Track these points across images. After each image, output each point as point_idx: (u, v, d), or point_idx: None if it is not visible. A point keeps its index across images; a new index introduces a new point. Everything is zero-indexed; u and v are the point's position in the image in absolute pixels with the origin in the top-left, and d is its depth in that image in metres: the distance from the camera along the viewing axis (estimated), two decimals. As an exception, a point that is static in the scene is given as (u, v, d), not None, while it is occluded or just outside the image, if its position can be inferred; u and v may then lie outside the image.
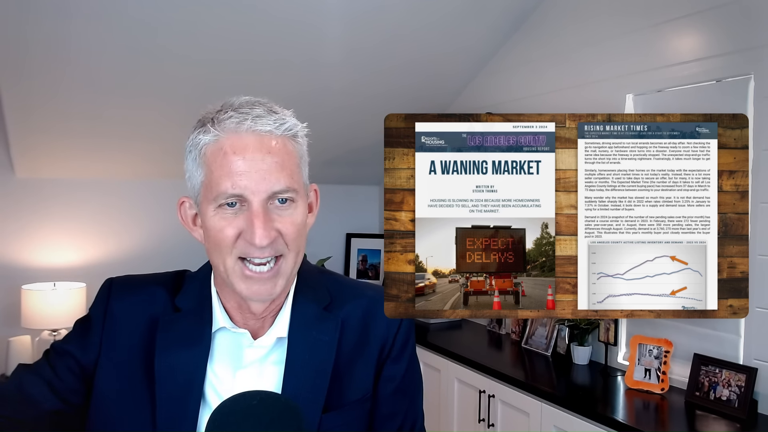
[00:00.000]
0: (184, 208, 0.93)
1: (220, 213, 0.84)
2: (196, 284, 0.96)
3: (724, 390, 2.09)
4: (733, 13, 2.18)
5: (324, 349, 0.92)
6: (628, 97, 2.56)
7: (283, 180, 0.84)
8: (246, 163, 0.82)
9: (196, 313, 0.93)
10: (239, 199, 0.83)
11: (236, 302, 0.92)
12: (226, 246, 0.84)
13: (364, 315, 0.97)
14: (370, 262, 4.29)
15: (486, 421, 2.55)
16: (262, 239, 0.82)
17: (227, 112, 0.85)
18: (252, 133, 0.83)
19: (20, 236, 3.42)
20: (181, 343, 0.90)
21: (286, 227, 0.85)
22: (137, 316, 0.93)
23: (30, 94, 2.83)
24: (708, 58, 2.26)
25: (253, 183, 0.82)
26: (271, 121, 0.85)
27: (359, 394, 0.93)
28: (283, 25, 2.71)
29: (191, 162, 0.87)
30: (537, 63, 3.06)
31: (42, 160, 3.35)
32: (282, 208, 0.85)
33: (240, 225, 0.83)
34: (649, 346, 2.33)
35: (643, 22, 2.50)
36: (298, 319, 0.93)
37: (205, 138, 0.84)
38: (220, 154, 0.83)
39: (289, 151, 0.87)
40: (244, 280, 0.85)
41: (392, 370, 0.97)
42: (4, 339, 3.23)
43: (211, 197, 0.84)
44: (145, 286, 0.97)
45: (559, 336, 2.73)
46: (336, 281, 1.02)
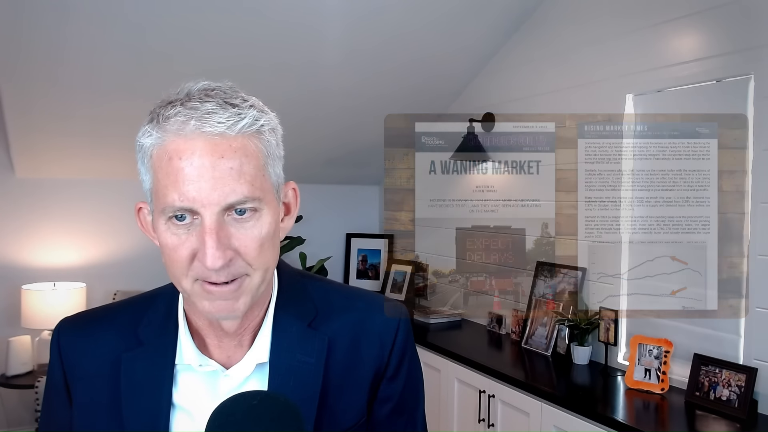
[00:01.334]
0: (143, 214, 0.81)
1: (171, 228, 0.72)
2: (162, 307, 0.85)
3: (724, 390, 2.09)
4: (733, 13, 2.18)
5: (310, 373, 0.81)
6: (628, 97, 2.56)
7: (240, 189, 0.70)
8: (194, 170, 0.69)
9: (159, 346, 0.82)
10: (190, 212, 0.71)
11: (206, 320, 0.81)
12: (181, 268, 0.73)
13: (355, 332, 0.85)
14: (370, 262, 4.29)
15: (486, 421, 2.55)
16: (214, 261, 0.70)
17: (175, 106, 0.71)
18: (200, 134, 0.69)
19: (20, 236, 3.43)
20: (145, 386, 0.81)
21: (246, 244, 0.72)
22: (98, 360, 0.84)
23: (30, 94, 2.83)
24: (708, 58, 2.26)
25: (204, 194, 0.69)
26: (224, 118, 0.70)
27: (353, 420, 0.84)
28: (282, 27, 2.71)
29: (140, 164, 0.75)
30: (537, 63, 3.06)
31: (42, 160, 3.35)
32: (241, 221, 0.72)
33: (193, 244, 0.71)
34: (649, 346, 2.33)
35: (643, 22, 2.50)
36: (280, 340, 0.82)
37: (149, 141, 0.72)
38: (165, 159, 0.71)
39: (249, 152, 0.72)
40: (207, 297, 0.74)
41: (389, 390, 0.87)
42: (4, 339, 3.23)
43: (160, 208, 0.72)
44: (99, 322, 0.88)
45: (559, 336, 2.73)
46: (323, 289, 0.90)
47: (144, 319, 0.85)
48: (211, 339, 0.83)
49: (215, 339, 0.83)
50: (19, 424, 3.36)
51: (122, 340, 0.84)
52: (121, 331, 0.85)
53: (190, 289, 0.74)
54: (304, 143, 3.58)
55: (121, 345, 0.84)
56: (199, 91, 0.74)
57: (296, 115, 3.28)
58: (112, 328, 0.86)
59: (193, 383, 0.82)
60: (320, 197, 4.22)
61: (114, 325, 0.86)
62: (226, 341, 0.82)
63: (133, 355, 0.82)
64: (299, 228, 3.94)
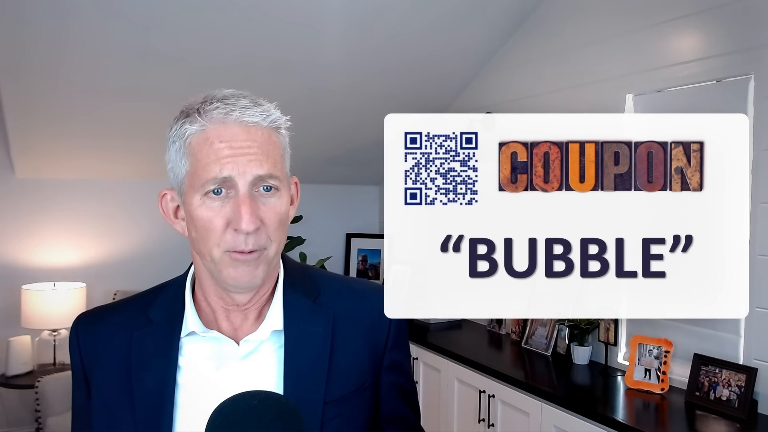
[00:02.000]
0: (166, 200, 0.92)
1: (206, 202, 0.84)
2: (171, 292, 0.95)
3: (724, 390, 2.09)
4: (733, 13, 2.18)
5: (319, 341, 0.91)
6: (628, 97, 2.56)
7: (268, 165, 0.84)
8: (233, 150, 0.83)
9: (167, 321, 0.92)
10: (226, 185, 0.83)
11: (218, 295, 0.91)
12: (214, 237, 0.84)
13: (355, 308, 0.96)
14: (370, 262, 4.29)
15: (486, 421, 2.55)
16: (248, 224, 0.82)
17: (212, 103, 0.85)
18: (239, 123, 0.84)
19: (20, 236, 3.43)
20: (153, 357, 0.89)
21: (270, 216, 0.85)
22: (112, 343, 0.92)
23: (30, 94, 2.83)
24: (708, 58, 2.26)
25: (240, 166, 0.82)
26: (258, 113, 0.85)
27: (357, 383, 0.92)
28: (283, 27, 2.71)
29: (174, 153, 0.87)
30: (537, 63, 3.06)
31: (42, 160, 3.35)
32: (267, 196, 0.85)
33: (227, 214, 0.83)
34: (649, 346, 2.33)
35: (643, 22, 2.50)
36: (291, 312, 0.92)
37: (192, 128, 0.84)
38: (206, 144, 0.83)
39: (273, 141, 0.87)
40: (233, 264, 0.84)
41: (392, 357, 0.97)
42: (4, 339, 3.23)
43: (198, 185, 0.83)
44: (112, 311, 0.97)
45: (559, 336, 2.73)
46: (322, 276, 1.02)
47: (154, 303, 0.94)
48: (220, 313, 0.91)
49: (224, 313, 0.91)
50: (19, 424, 3.36)
51: (134, 321, 0.93)
52: (133, 316, 0.94)
53: (219, 258, 0.84)
54: (304, 142, 3.56)
55: (133, 325, 0.92)
56: (230, 94, 0.87)
57: (296, 113, 3.25)
58: (125, 316, 0.95)
59: (198, 349, 0.90)
60: (320, 197, 4.22)
61: (126, 312, 0.95)
62: (234, 315, 0.91)
63: (143, 332, 0.91)
64: (299, 228, 3.94)
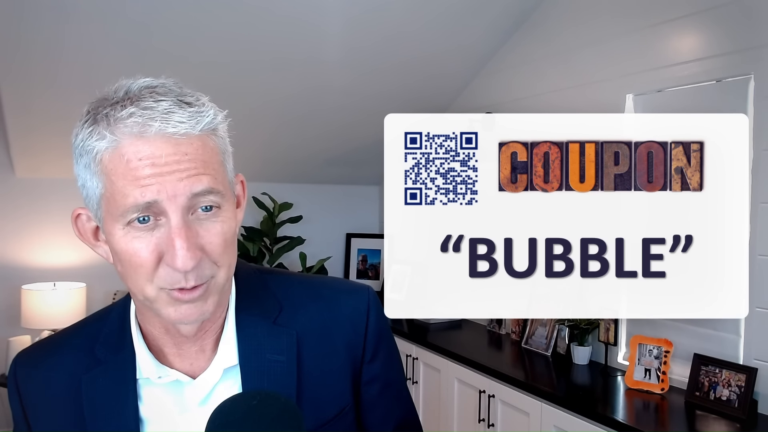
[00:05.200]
0: (81, 221, 0.76)
1: (131, 233, 0.68)
2: (115, 323, 0.82)
3: (724, 390, 2.09)
4: (733, 13, 2.18)
5: (283, 372, 0.79)
6: (628, 97, 2.56)
7: (205, 179, 0.68)
8: (157, 168, 0.66)
9: (117, 363, 0.79)
10: (152, 211, 0.67)
11: (162, 327, 0.78)
12: (145, 274, 0.69)
13: (324, 321, 0.83)
14: (370, 262, 4.29)
15: (486, 421, 2.55)
16: (186, 262, 0.67)
17: (126, 106, 0.67)
18: (162, 136, 0.66)
19: (20, 236, 3.42)
20: (109, 407, 0.78)
21: (212, 241, 0.70)
22: (58, 389, 0.80)
23: (30, 94, 2.83)
24: (708, 58, 2.26)
25: (168, 187, 0.66)
26: (185, 118, 0.68)
27: (336, 409, 0.82)
28: (282, 24, 2.71)
29: (82, 168, 0.70)
30: (537, 63, 3.06)
31: (42, 160, 3.35)
32: (207, 219, 0.70)
33: (159, 245, 0.68)
34: (649, 346, 2.33)
35: (643, 22, 2.50)
36: (247, 342, 0.79)
37: (100, 144, 0.67)
38: (121, 162, 0.66)
39: (209, 148, 0.70)
40: (173, 304, 0.71)
41: (372, 371, 0.85)
42: (4, 339, 3.23)
43: (117, 213, 0.67)
44: (54, 351, 0.84)
45: (559, 336, 2.73)
46: (285, 282, 0.86)
47: (100, 338, 0.81)
48: (170, 348, 0.79)
49: (174, 347, 0.79)
50: (19, 424, 3.35)
51: (80, 362, 0.81)
52: (78, 354, 0.81)
53: (154, 297, 0.70)
54: (304, 141, 3.58)
55: (80, 368, 0.80)
56: (144, 88, 0.70)
57: (296, 112, 3.28)
58: (69, 353, 0.82)
59: (157, 396, 0.79)
60: (320, 197, 4.21)
61: (70, 349, 0.83)
62: (186, 348, 0.79)
63: (92, 375, 0.79)
64: (299, 228, 3.94)
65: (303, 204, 3.99)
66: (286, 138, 3.59)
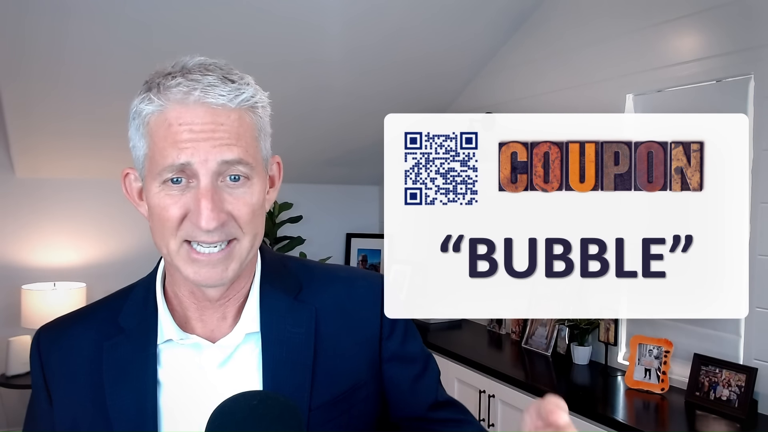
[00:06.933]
0: (129, 180, 0.83)
1: (165, 190, 0.74)
2: (140, 294, 0.86)
3: (724, 390, 2.09)
4: (733, 13, 2.18)
5: (301, 343, 0.82)
6: (628, 97, 2.56)
7: (236, 150, 0.73)
8: (193, 134, 0.72)
9: (140, 330, 0.82)
10: (186, 174, 0.73)
11: (188, 289, 0.81)
12: (170, 228, 0.74)
13: (341, 301, 0.87)
14: (370, 262, 4.29)
15: (486, 421, 2.55)
16: (209, 222, 0.71)
17: (175, 77, 0.74)
18: (201, 105, 0.73)
19: (20, 236, 3.42)
20: (129, 370, 0.80)
21: (239, 209, 0.75)
22: (80, 355, 0.83)
23: (30, 94, 2.83)
24: (708, 58, 2.26)
25: (201, 152, 0.72)
26: (225, 92, 0.74)
27: (349, 383, 0.85)
28: (283, 24, 2.71)
29: (134, 131, 0.77)
30: (537, 63, 3.06)
31: (42, 160, 3.35)
32: (234, 187, 0.75)
33: (186, 204, 0.74)
34: (649, 346, 2.33)
35: (643, 22, 2.50)
36: (269, 312, 0.83)
37: (149, 108, 0.74)
38: (164, 125, 0.73)
39: (245, 123, 0.76)
40: (191, 264, 0.75)
41: (391, 347, 0.89)
42: (4, 339, 3.23)
43: (156, 172, 0.74)
44: (78, 321, 0.88)
45: (559, 336, 2.73)
46: (304, 266, 0.92)
47: (123, 308, 0.85)
48: (193, 312, 0.82)
49: (197, 311, 0.82)
50: (19, 424, 3.35)
51: (103, 331, 0.84)
52: (102, 325, 0.85)
53: (176, 251, 0.75)
54: (304, 140, 3.58)
55: (102, 336, 0.83)
56: (197, 65, 0.78)
57: (296, 111, 3.28)
58: (92, 325, 0.86)
59: (176, 358, 0.82)
60: (320, 197, 4.21)
61: (94, 320, 0.87)
62: (209, 314, 0.82)
63: (114, 342, 0.82)
64: (299, 228, 3.94)
65: (303, 204, 3.99)
66: (286, 138, 3.59)
